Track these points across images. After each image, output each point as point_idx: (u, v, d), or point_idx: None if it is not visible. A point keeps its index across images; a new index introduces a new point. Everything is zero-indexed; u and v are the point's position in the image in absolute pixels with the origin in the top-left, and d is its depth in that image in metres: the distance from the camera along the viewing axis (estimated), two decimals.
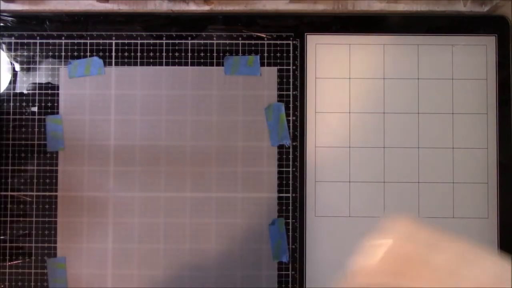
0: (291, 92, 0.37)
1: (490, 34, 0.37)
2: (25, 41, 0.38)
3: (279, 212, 0.37)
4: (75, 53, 0.38)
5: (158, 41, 0.38)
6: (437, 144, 0.37)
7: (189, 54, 0.38)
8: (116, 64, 0.38)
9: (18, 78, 0.38)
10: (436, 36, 0.37)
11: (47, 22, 0.38)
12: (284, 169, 0.37)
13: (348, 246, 0.36)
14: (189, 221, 0.37)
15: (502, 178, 0.37)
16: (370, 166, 0.37)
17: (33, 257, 0.37)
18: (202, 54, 0.38)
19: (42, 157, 0.37)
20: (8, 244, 0.37)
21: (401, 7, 0.38)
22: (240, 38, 0.38)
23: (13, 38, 0.38)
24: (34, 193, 0.37)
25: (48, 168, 0.37)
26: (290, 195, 0.37)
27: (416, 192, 0.37)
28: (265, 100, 0.37)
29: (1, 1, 0.37)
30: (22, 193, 0.37)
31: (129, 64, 0.38)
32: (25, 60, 0.38)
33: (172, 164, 0.37)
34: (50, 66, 0.38)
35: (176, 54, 0.38)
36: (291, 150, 0.37)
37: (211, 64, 0.38)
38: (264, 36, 0.38)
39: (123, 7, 0.38)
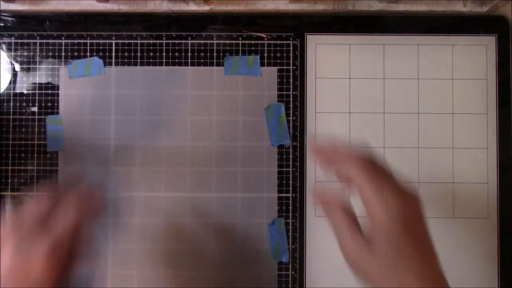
0: (291, 92, 0.37)
1: (490, 34, 0.37)
2: (25, 41, 0.38)
3: (279, 212, 0.37)
4: (75, 53, 0.38)
5: (158, 41, 0.38)
6: (437, 144, 0.37)
7: (189, 54, 0.38)
8: (116, 64, 0.38)
9: (18, 78, 0.38)
10: (436, 36, 0.37)
11: (47, 22, 0.38)
12: (284, 169, 0.37)
13: None
14: (189, 220, 0.37)
15: (502, 178, 0.37)
16: None
17: None
18: (202, 54, 0.38)
19: (42, 157, 0.37)
20: None
21: (401, 7, 0.38)
22: (240, 38, 0.38)
23: (13, 38, 0.38)
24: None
25: (48, 168, 0.37)
26: (290, 195, 0.37)
27: None
28: (265, 100, 0.37)
29: (1, 1, 0.37)
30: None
31: (129, 64, 0.38)
32: (25, 60, 0.38)
33: (172, 164, 0.37)
34: (50, 66, 0.38)
35: (176, 54, 0.38)
36: (291, 150, 0.37)
37: (211, 64, 0.38)
38: (264, 36, 0.38)
39: (123, 7, 0.38)
